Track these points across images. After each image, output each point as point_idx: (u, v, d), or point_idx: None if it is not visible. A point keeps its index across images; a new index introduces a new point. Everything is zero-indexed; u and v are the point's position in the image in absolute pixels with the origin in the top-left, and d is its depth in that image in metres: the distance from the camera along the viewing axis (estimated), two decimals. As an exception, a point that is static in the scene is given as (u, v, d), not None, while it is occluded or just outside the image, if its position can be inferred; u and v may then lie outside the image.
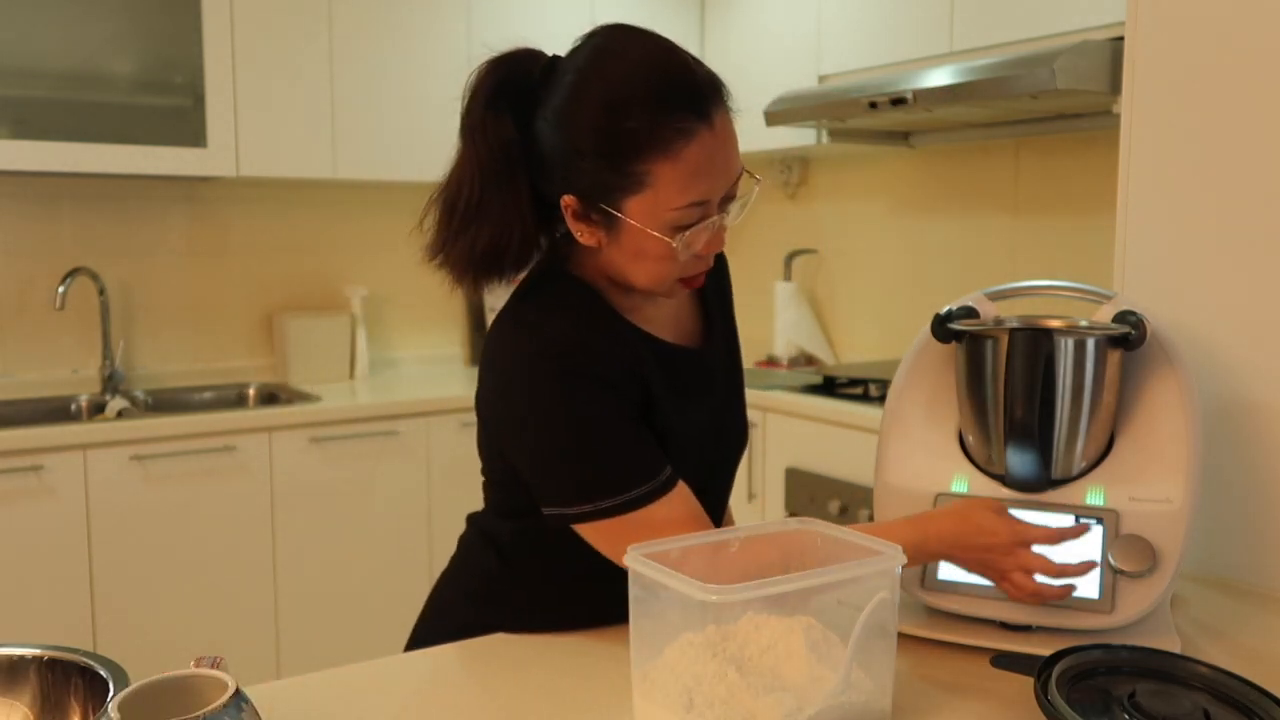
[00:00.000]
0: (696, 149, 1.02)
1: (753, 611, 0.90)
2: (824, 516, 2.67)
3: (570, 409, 1.07)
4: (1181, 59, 1.39)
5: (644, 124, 1.01)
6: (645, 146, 1.02)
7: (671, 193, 1.03)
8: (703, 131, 1.03)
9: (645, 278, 1.09)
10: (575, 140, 1.04)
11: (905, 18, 2.84)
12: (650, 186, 1.03)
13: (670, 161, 1.02)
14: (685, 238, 1.05)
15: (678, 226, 1.05)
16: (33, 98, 2.61)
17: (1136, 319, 1.13)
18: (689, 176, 1.03)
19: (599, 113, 1.03)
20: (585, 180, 1.05)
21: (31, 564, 2.45)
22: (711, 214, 1.06)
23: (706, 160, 1.03)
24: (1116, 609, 1.07)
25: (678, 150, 1.02)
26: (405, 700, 1.00)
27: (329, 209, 3.33)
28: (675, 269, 1.08)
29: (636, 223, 1.04)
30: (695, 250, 1.08)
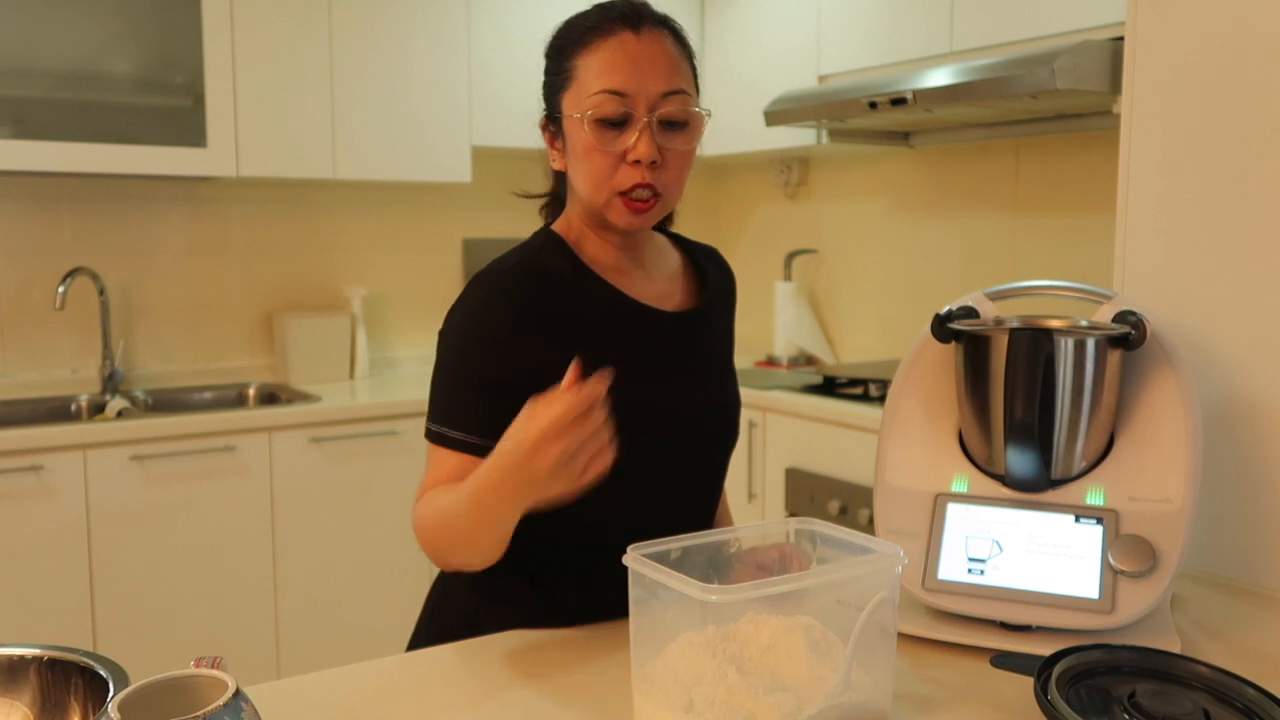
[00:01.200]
0: (615, 44, 1.15)
1: (753, 611, 0.90)
2: (824, 516, 2.67)
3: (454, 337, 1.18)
4: (1181, 59, 1.39)
5: (576, 30, 1.18)
6: (574, 45, 1.18)
7: (590, 81, 1.15)
8: (624, 33, 1.16)
9: (584, 182, 1.18)
10: (546, 65, 1.23)
11: (905, 18, 2.84)
12: (575, 80, 1.17)
13: (590, 53, 1.16)
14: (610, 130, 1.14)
15: (600, 119, 1.15)
16: (33, 98, 2.61)
17: (1136, 319, 1.13)
18: (606, 67, 1.15)
19: (557, 31, 1.22)
20: (544, 96, 1.23)
21: (31, 564, 2.45)
22: (637, 114, 1.15)
23: (625, 57, 1.15)
24: (1116, 609, 1.07)
25: (597, 44, 1.16)
26: (405, 700, 1.00)
27: (329, 209, 3.33)
28: (606, 167, 1.16)
29: (569, 115, 1.17)
30: (621, 149, 1.15)
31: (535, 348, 1.15)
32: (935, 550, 1.15)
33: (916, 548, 1.16)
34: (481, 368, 1.16)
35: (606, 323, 1.21)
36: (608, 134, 1.15)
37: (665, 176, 1.17)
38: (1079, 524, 1.12)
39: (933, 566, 1.14)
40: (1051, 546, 1.12)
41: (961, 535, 1.15)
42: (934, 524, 1.16)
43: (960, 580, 1.13)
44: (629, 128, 1.15)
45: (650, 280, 1.27)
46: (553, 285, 1.19)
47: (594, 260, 1.24)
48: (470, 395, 1.16)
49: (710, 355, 1.30)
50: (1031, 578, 1.11)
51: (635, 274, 1.25)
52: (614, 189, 1.16)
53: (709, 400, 1.28)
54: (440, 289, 3.56)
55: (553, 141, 1.23)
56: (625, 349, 1.20)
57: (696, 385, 1.26)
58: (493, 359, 1.16)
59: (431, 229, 3.50)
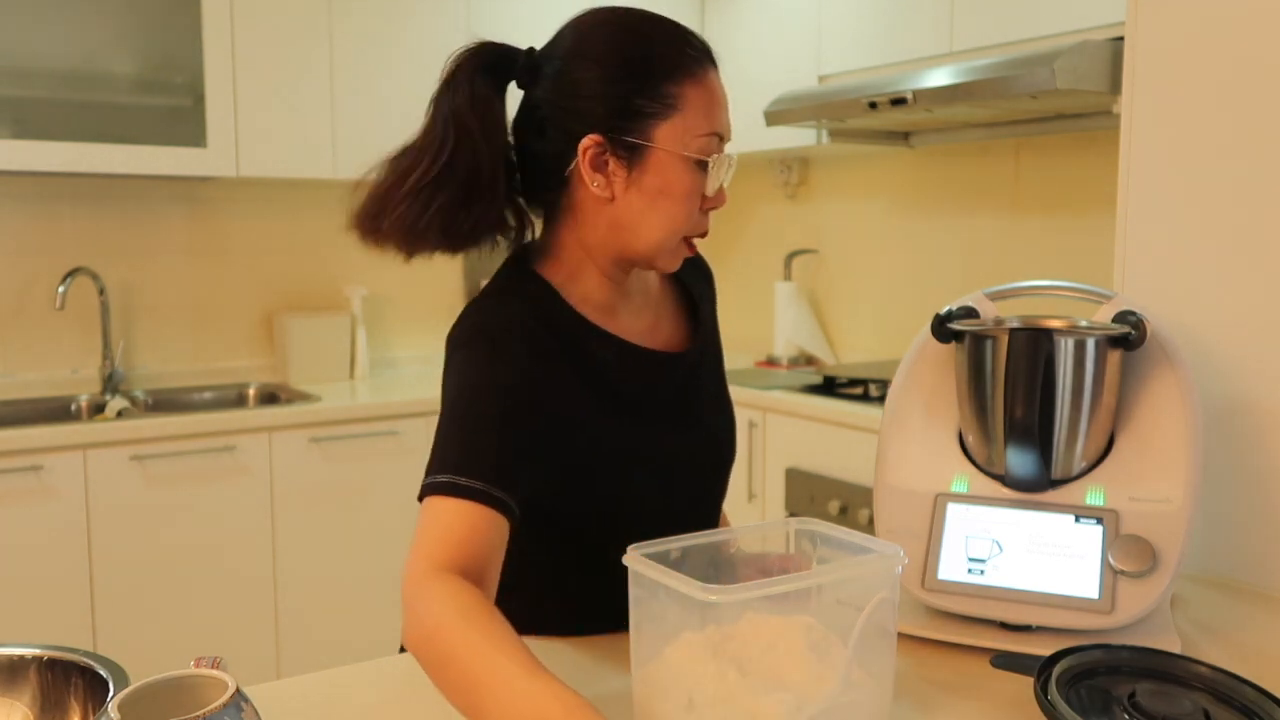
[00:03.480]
0: (714, 79, 1.07)
1: (753, 611, 0.90)
2: (824, 516, 2.67)
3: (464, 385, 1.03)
4: (1181, 59, 1.39)
5: (671, 48, 1.05)
6: (676, 68, 1.04)
7: (699, 117, 1.05)
8: (713, 70, 1.08)
9: (663, 225, 1.07)
10: (595, 73, 1.05)
11: (905, 18, 2.84)
12: (680, 111, 1.05)
13: (696, 85, 1.05)
14: (710, 172, 1.07)
15: (700, 159, 1.06)
16: (33, 98, 2.61)
17: (1136, 319, 1.13)
18: (712, 103, 1.06)
19: (625, 39, 1.06)
20: (610, 112, 1.04)
21: (31, 564, 2.45)
22: (725, 162, 1.08)
23: (720, 92, 1.08)
24: (1116, 609, 1.07)
25: (700, 76, 1.06)
26: (405, 700, 1.00)
27: (329, 209, 3.33)
28: (692, 214, 1.08)
29: (667, 149, 1.05)
30: (712, 191, 1.08)
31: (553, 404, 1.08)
32: (935, 550, 1.15)
33: (916, 548, 1.16)
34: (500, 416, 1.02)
35: (610, 372, 1.13)
36: (701, 177, 1.07)
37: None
38: (1079, 524, 1.12)
39: (933, 566, 1.14)
40: (1051, 546, 1.12)
41: (961, 535, 1.15)
42: (934, 524, 1.16)
43: (960, 580, 1.13)
44: (714, 174, 1.08)
45: (637, 314, 1.19)
46: (555, 334, 1.10)
47: (584, 300, 1.14)
48: (484, 442, 1.01)
49: (708, 388, 1.25)
50: (1031, 578, 1.11)
51: (623, 309, 1.17)
52: (689, 234, 1.10)
53: (710, 435, 1.24)
54: (440, 289, 3.56)
55: (602, 162, 1.06)
56: (628, 396, 1.14)
57: (697, 422, 1.22)
58: (515, 412, 1.03)
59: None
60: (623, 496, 1.15)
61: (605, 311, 1.15)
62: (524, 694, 0.81)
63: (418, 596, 0.91)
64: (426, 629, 0.89)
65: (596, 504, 1.13)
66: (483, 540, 0.97)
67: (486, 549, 0.98)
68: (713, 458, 1.25)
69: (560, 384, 1.09)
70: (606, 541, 1.04)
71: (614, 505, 1.14)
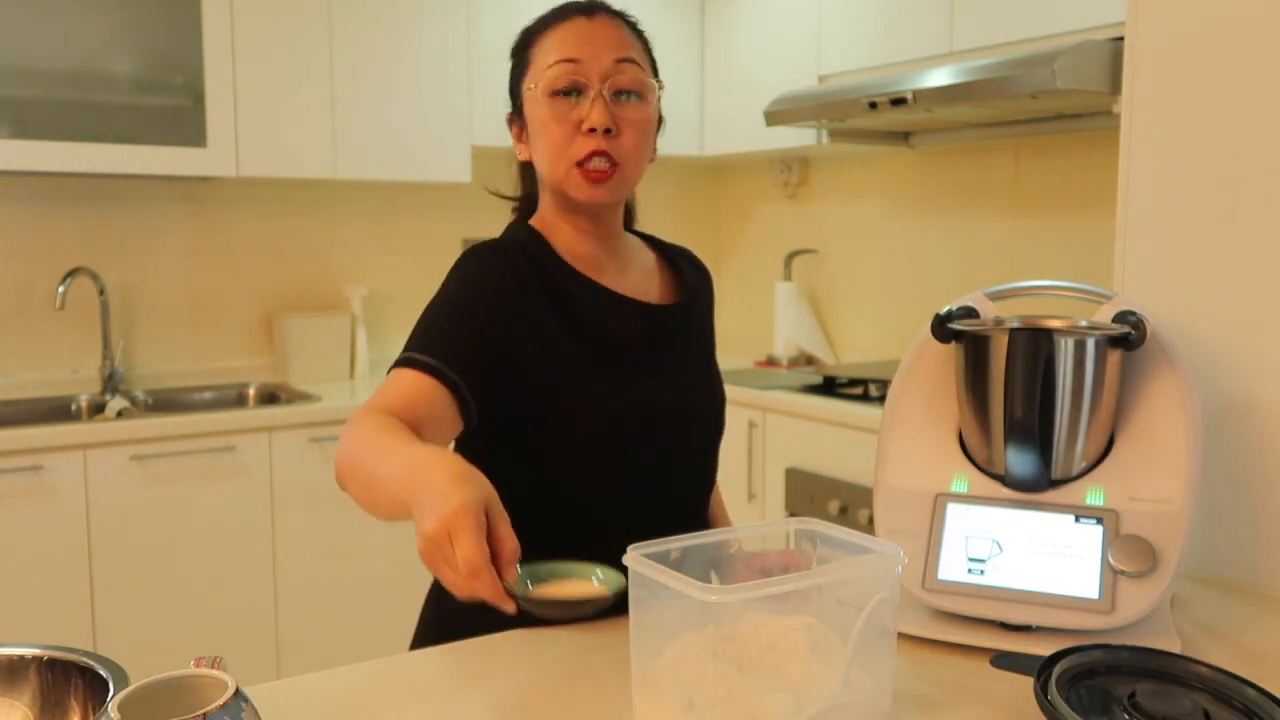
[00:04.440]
0: (570, 26, 1.21)
1: (753, 612, 0.90)
2: (824, 516, 2.67)
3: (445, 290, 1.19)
4: (1181, 59, 1.39)
5: (535, 25, 1.26)
6: (533, 33, 1.25)
7: (544, 58, 1.21)
8: (577, 17, 1.22)
9: (542, 157, 1.22)
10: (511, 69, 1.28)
11: (905, 18, 2.84)
12: (532, 63, 1.23)
13: (547, 34, 1.22)
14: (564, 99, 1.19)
15: (555, 90, 1.19)
16: (33, 98, 2.61)
17: (1136, 319, 1.13)
18: (559, 43, 1.20)
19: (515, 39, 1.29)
20: (509, 93, 1.28)
21: (31, 564, 2.45)
22: (590, 84, 1.18)
23: (577, 34, 1.20)
24: (1116, 609, 1.07)
25: (555, 26, 1.22)
26: (405, 700, 1.00)
27: (329, 209, 3.33)
28: (563, 138, 1.19)
29: (528, 95, 1.22)
30: (577, 118, 1.18)
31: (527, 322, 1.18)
32: (935, 550, 1.15)
33: (916, 548, 1.16)
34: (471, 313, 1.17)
35: (592, 313, 1.23)
36: (562, 104, 1.19)
37: (622, 146, 1.20)
38: (1079, 524, 1.12)
39: (933, 566, 1.14)
40: (1051, 546, 1.12)
41: (961, 535, 1.15)
42: (934, 524, 1.16)
43: (960, 580, 1.13)
44: (583, 99, 1.19)
45: (625, 274, 1.30)
46: (541, 272, 1.22)
47: (568, 252, 1.26)
48: (451, 330, 1.15)
49: (692, 350, 1.33)
50: (1031, 578, 1.11)
51: (610, 267, 1.28)
52: (571, 159, 1.19)
53: (694, 389, 1.31)
54: (440, 289, 3.56)
55: (520, 135, 1.27)
56: (610, 339, 1.23)
57: (679, 376, 1.29)
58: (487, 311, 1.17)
59: (431, 229, 3.50)
60: (608, 438, 1.20)
61: (590, 263, 1.27)
62: (406, 457, 0.94)
63: (346, 431, 1.08)
64: (343, 450, 1.06)
65: (583, 444, 1.20)
66: (425, 405, 1.10)
67: (427, 414, 1.10)
68: (696, 413, 1.30)
69: (537, 309, 1.20)
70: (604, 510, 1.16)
71: (600, 449, 1.20)
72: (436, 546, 0.84)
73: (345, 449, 1.07)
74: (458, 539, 0.83)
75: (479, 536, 0.84)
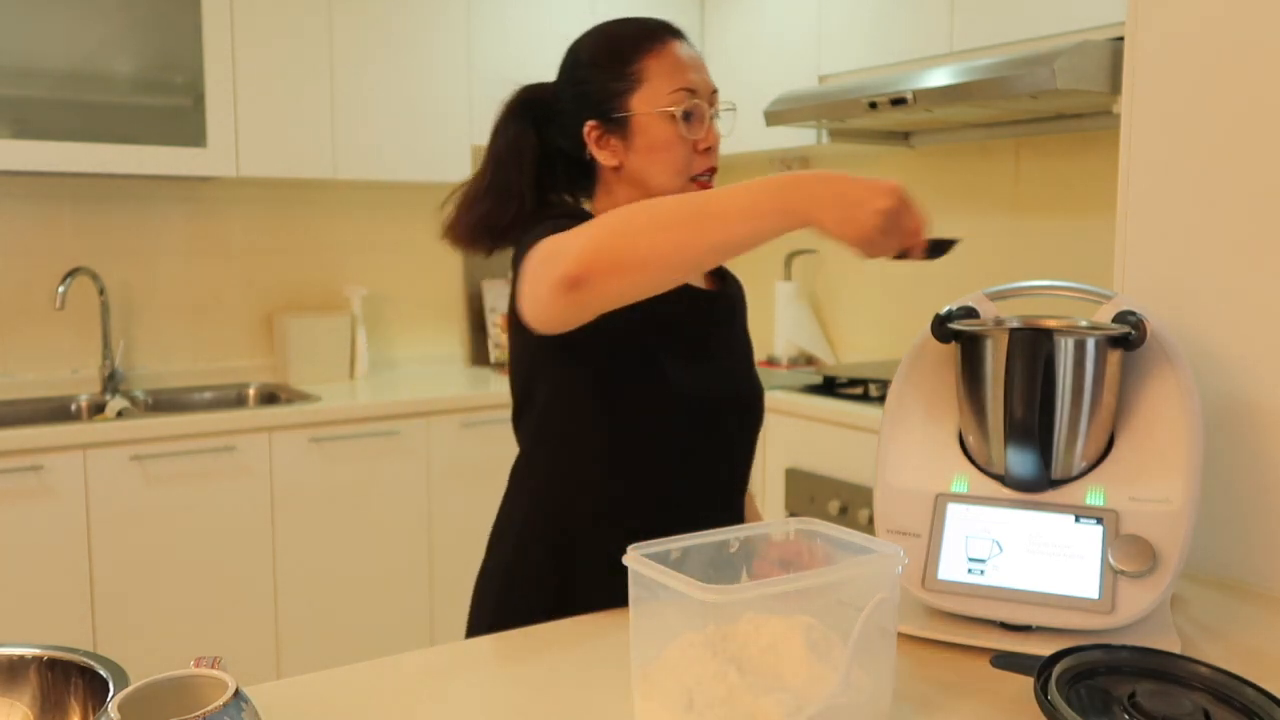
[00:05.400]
0: (675, 48, 1.30)
1: (753, 611, 0.90)
2: (824, 516, 2.67)
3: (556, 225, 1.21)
4: (1181, 59, 1.39)
5: (630, 36, 1.31)
6: (634, 49, 1.30)
7: (664, 81, 1.28)
8: (675, 41, 1.31)
9: (662, 172, 1.29)
10: (583, 75, 1.32)
11: (905, 18, 2.84)
12: (645, 80, 1.29)
13: (656, 56, 1.29)
14: (684, 121, 1.28)
15: (683, 114, 1.28)
16: (33, 98, 2.62)
17: (1136, 319, 1.13)
18: (676, 68, 1.29)
19: (598, 41, 1.33)
20: (595, 100, 1.30)
21: (31, 564, 2.45)
22: (704, 108, 1.30)
23: (686, 58, 1.30)
24: (1116, 609, 1.07)
25: (659, 48, 1.29)
26: (405, 700, 1.00)
27: (329, 209, 3.33)
28: (686, 156, 1.29)
29: (644, 111, 1.28)
30: (696, 137, 1.29)
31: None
32: (935, 550, 1.15)
33: (916, 548, 1.16)
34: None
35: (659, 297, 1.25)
36: (682, 127, 1.29)
37: (716, 160, 1.35)
38: (1079, 524, 1.12)
39: (933, 566, 1.14)
40: (1051, 546, 1.12)
41: (961, 535, 1.15)
42: (934, 524, 1.16)
43: (960, 580, 1.13)
44: (696, 121, 1.29)
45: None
46: None
47: None
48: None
49: (738, 339, 1.42)
50: (1031, 578, 1.11)
51: None
52: (690, 174, 1.31)
53: (740, 372, 1.39)
54: (440, 289, 3.56)
55: (604, 140, 1.31)
56: (672, 321, 1.30)
57: (729, 358, 1.38)
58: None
59: (431, 229, 3.50)
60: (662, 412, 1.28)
61: None
62: (763, 183, 1.02)
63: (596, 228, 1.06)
64: (617, 226, 1.05)
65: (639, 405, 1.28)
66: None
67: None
68: (744, 396, 1.38)
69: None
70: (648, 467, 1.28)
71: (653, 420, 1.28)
72: (896, 216, 0.98)
73: (621, 224, 1.05)
74: (908, 205, 0.99)
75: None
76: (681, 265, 1.04)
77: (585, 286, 1.05)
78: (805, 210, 0.99)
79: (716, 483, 1.36)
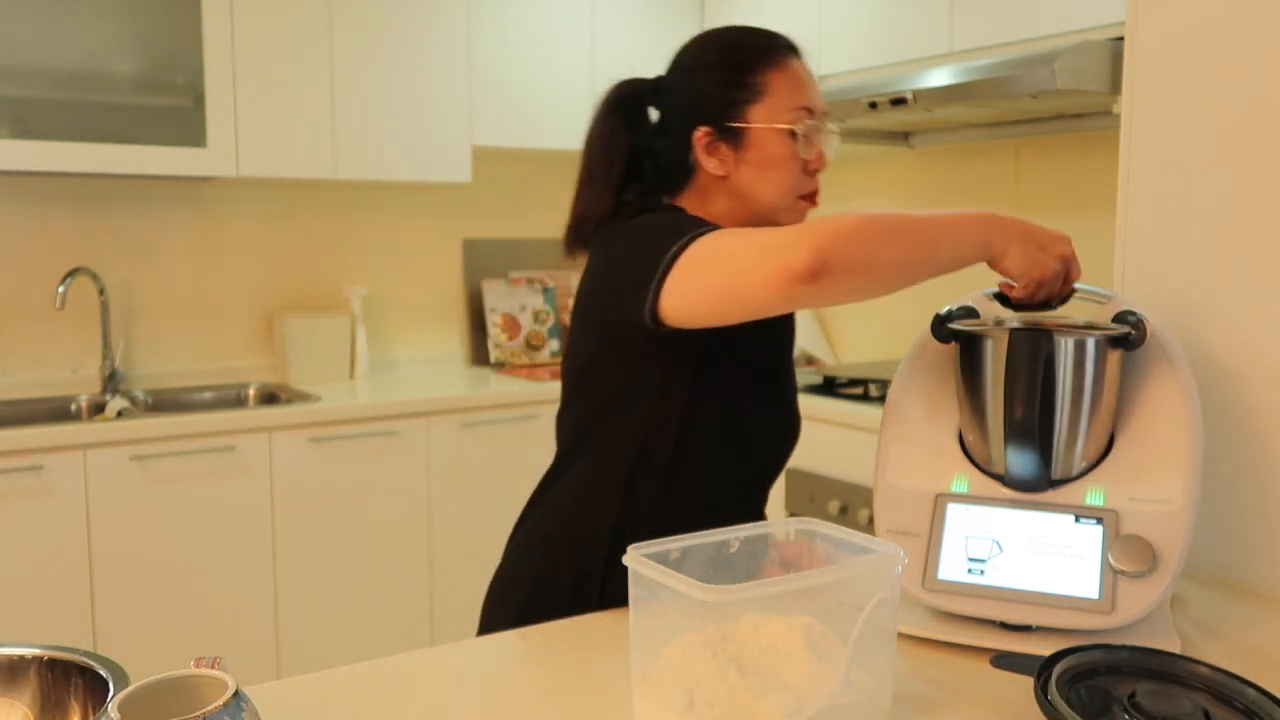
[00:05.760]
0: (798, 66, 1.30)
1: (753, 611, 0.90)
2: (824, 516, 2.67)
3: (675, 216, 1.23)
4: (1181, 59, 1.39)
5: (755, 47, 1.29)
6: (759, 61, 1.28)
7: (785, 97, 1.27)
8: (796, 59, 1.30)
9: (773, 188, 1.28)
10: (700, 80, 1.30)
11: (905, 18, 2.84)
12: (767, 94, 1.27)
13: (780, 71, 1.28)
14: (802, 139, 1.27)
15: (793, 129, 1.27)
16: (33, 98, 2.62)
17: (1136, 319, 1.13)
18: (796, 84, 1.28)
19: (721, 47, 1.30)
20: (712, 107, 1.28)
21: (31, 564, 2.45)
22: (820, 129, 1.29)
23: (806, 76, 1.30)
24: (1116, 609, 1.07)
25: (784, 63, 1.28)
26: (405, 700, 1.00)
27: (329, 209, 3.33)
28: (798, 175, 1.28)
29: (762, 125, 1.27)
30: (810, 155, 1.28)
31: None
32: (935, 550, 1.15)
33: (916, 548, 1.16)
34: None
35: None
36: (797, 145, 1.27)
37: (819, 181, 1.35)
38: (1079, 524, 1.12)
39: (933, 566, 1.14)
40: (1051, 546, 1.12)
41: (961, 535, 1.15)
42: (934, 524, 1.16)
43: (960, 580, 1.13)
44: (811, 141, 1.28)
45: None
46: None
47: None
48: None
49: (791, 369, 1.43)
50: (1031, 578, 1.11)
51: None
52: (799, 193, 1.30)
53: (793, 403, 1.40)
54: (440, 289, 3.56)
55: (713, 148, 1.28)
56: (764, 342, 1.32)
57: (788, 389, 1.39)
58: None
59: (431, 229, 3.50)
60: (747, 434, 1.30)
61: None
62: (964, 214, 1.10)
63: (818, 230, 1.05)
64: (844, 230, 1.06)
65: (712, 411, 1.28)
66: None
67: None
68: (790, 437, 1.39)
69: None
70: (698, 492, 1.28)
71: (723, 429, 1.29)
72: (1069, 262, 1.13)
73: (854, 230, 1.07)
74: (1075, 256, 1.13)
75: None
76: (899, 280, 1.08)
77: (823, 279, 1.05)
78: (1001, 246, 1.10)
79: (750, 506, 1.37)
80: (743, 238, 1.11)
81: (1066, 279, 1.14)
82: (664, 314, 1.15)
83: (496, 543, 3.09)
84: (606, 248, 1.26)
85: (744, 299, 1.09)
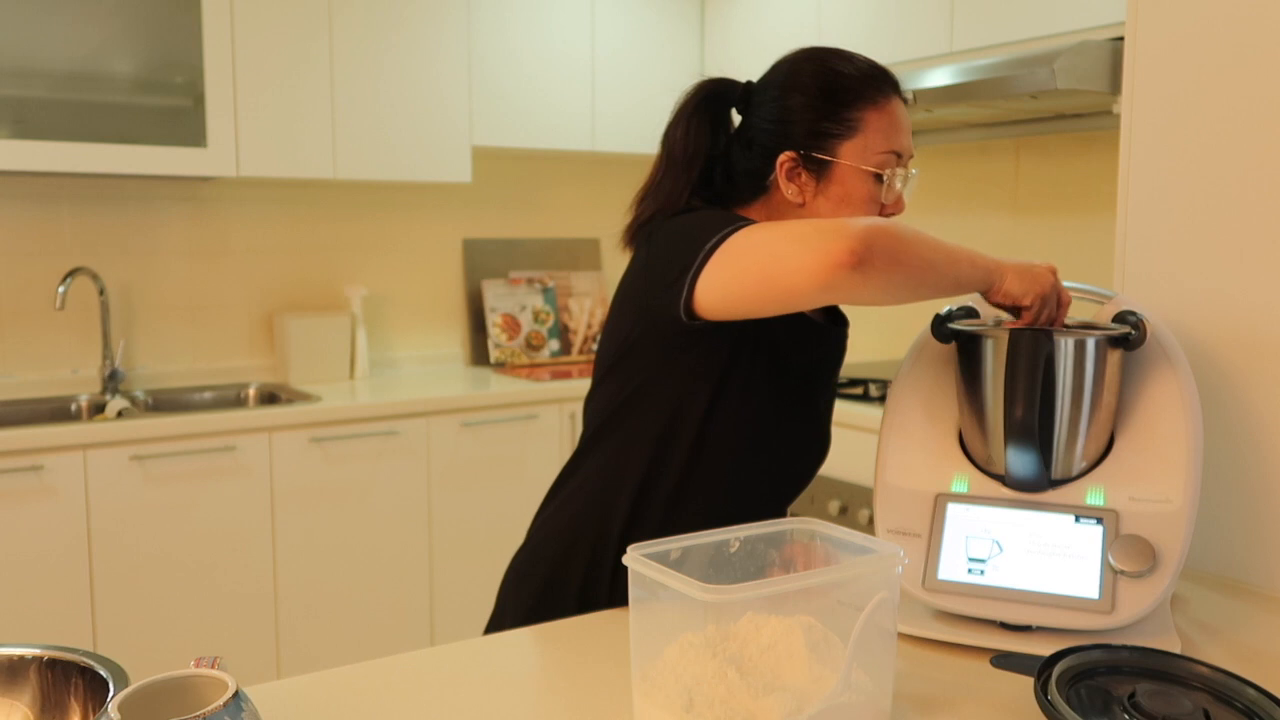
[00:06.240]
0: (895, 106, 1.26)
1: (753, 611, 0.90)
2: (824, 516, 2.67)
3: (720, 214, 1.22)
4: (1181, 59, 1.39)
5: (855, 80, 1.25)
6: (857, 96, 1.25)
7: (878, 138, 1.24)
8: (898, 100, 1.27)
9: None
10: (794, 103, 1.26)
11: (905, 18, 2.83)
12: (860, 132, 1.24)
13: (877, 110, 1.25)
14: (886, 183, 1.25)
15: (879, 173, 1.25)
16: (33, 98, 2.62)
17: (1136, 319, 1.14)
18: (891, 127, 1.25)
19: (820, 73, 1.26)
20: (802, 133, 1.25)
21: (31, 564, 2.45)
22: (903, 175, 1.26)
23: (901, 118, 1.27)
24: (1116, 609, 1.07)
25: (882, 103, 1.25)
26: (405, 700, 1.00)
27: (329, 209, 3.33)
28: (873, 216, 1.23)
29: (849, 163, 1.24)
30: (890, 200, 1.26)
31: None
32: (935, 550, 1.15)
33: (916, 548, 1.16)
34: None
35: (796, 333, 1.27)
36: (879, 186, 1.25)
37: None
38: (1079, 524, 1.12)
39: (933, 566, 1.14)
40: (1051, 546, 1.12)
41: (961, 535, 1.15)
42: (934, 524, 1.16)
43: (960, 580, 1.13)
44: (892, 185, 1.26)
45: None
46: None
47: None
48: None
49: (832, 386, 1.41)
50: (1031, 578, 1.11)
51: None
52: None
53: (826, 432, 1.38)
54: (440, 289, 3.56)
55: (795, 174, 1.26)
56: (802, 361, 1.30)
57: (826, 407, 1.37)
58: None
59: (431, 229, 3.50)
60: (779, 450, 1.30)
61: None
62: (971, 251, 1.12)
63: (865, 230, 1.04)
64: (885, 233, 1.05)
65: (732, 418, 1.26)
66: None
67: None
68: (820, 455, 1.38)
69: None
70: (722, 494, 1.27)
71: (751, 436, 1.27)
72: (1053, 289, 1.14)
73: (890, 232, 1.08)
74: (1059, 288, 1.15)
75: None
76: (923, 284, 1.09)
77: (866, 268, 1.05)
78: (999, 274, 1.12)
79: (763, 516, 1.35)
80: (783, 228, 1.10)
81: (1065, 303, 1.17)
82: (698, 305, 1.15)
83: (496, 542, 3.09)
84: (650, 241, 1.25)
85: (783, 287, 1.08)
